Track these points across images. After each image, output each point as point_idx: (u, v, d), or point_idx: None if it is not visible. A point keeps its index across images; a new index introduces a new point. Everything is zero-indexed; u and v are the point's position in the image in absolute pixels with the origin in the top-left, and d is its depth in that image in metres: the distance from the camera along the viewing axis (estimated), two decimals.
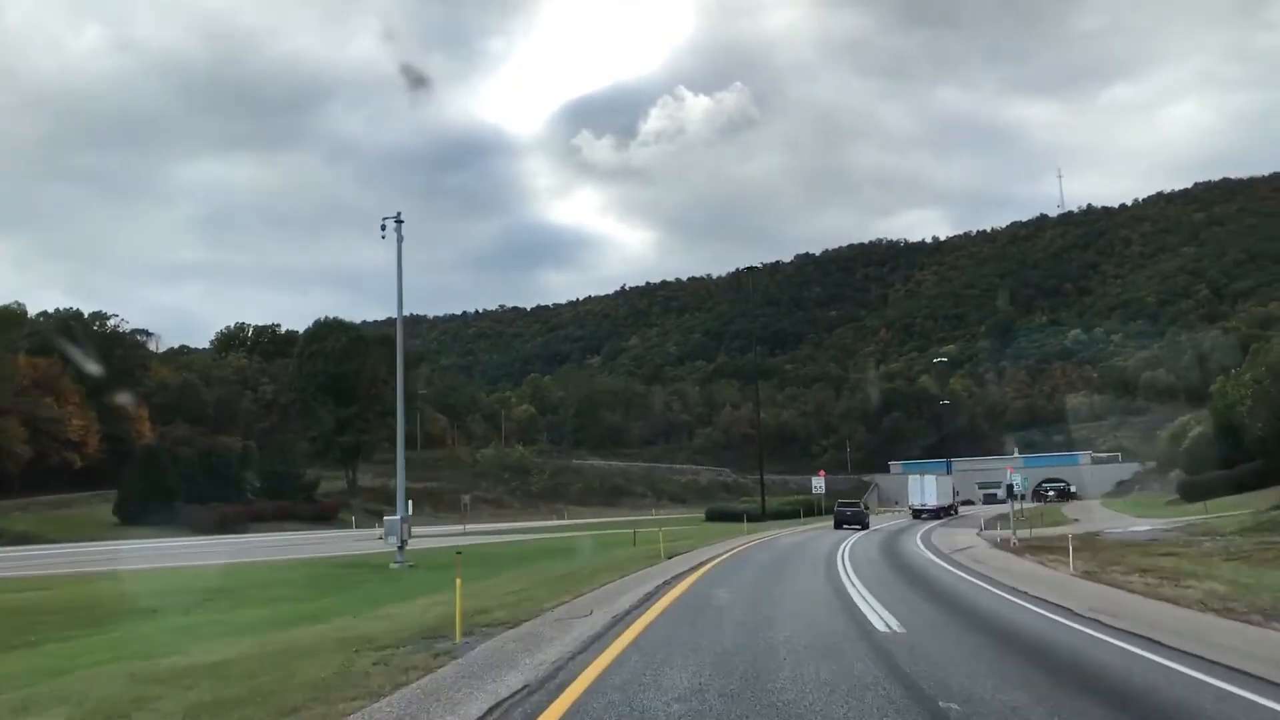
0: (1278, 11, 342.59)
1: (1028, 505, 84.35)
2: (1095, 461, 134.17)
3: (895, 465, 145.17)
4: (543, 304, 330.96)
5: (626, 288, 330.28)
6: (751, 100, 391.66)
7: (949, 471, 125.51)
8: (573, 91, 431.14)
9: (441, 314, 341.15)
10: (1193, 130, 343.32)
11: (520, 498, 77.99)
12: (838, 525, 54.17)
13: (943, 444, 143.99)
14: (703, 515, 70.59)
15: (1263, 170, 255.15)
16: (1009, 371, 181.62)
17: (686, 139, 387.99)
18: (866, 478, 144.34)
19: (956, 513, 78.21)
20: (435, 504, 72.95)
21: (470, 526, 62.34)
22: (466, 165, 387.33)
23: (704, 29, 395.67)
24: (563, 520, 64.81)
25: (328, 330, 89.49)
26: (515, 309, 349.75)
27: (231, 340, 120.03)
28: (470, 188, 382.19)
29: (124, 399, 76.13)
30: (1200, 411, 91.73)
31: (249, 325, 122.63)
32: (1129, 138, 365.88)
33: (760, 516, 65.38)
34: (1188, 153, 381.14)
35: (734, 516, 61.97)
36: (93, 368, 71.77)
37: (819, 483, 75.99)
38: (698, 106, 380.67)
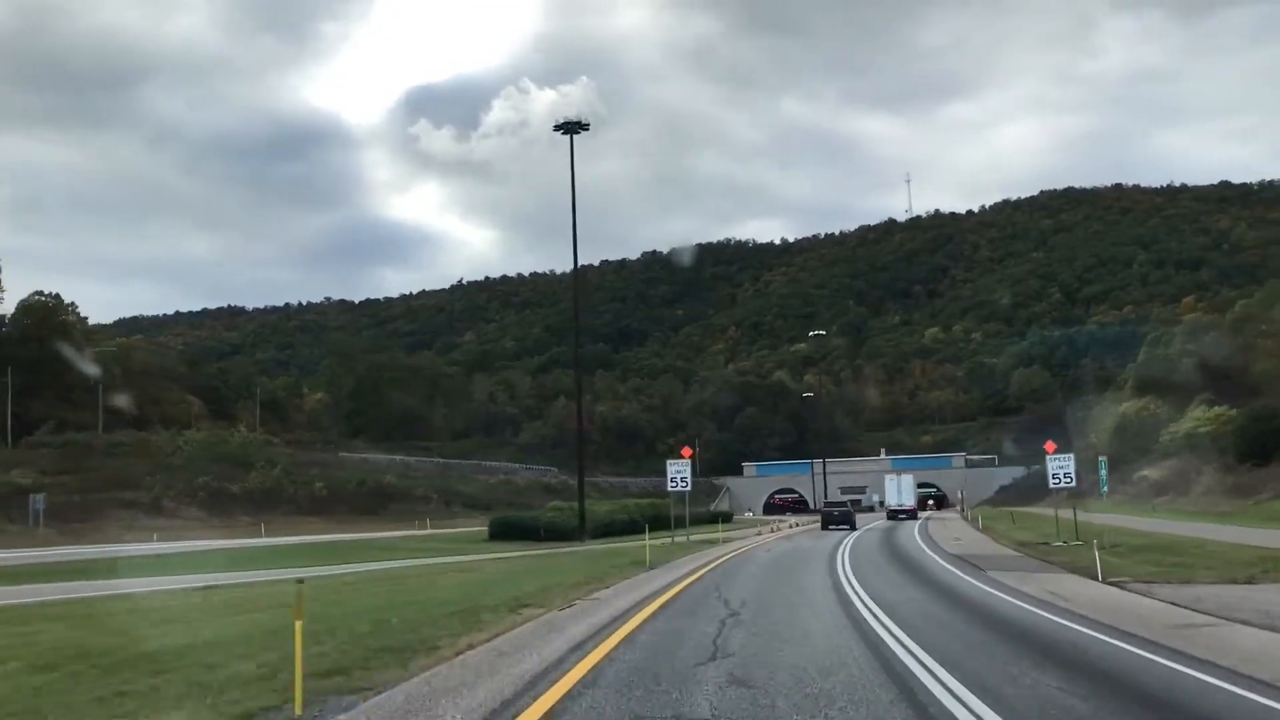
0: (1104, 38, 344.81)
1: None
2: (970, 465, 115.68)
3: (749, 466, 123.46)
4: (373, 298, 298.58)
5: (464, 282, 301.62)
6: (598, 97, 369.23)
7: (815, 474, 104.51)
8: (413, 80, 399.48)
9: (262, 306, 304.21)
10: (1024, 152, 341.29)
11: (221, 503, 50.68)
12: (825, 526, 52.05)
13: (802, 443, 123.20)
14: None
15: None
16: (866, 370, 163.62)
17: (531, 133, 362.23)
18: (718, 480, 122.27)
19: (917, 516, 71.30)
20: (70, 511, 45.67)
21: (46, 552, 35.25)
22: (300, 155, 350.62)
23: (550, 23, 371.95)
24: (260, 539, 39.81)
25: None
26: (342, 302, 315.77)
27: None
28: (304, 178, 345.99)
29: None
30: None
31: None
32: (967, 156, 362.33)
33: (575, 532, 41.11)
34: (1020, 175, 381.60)
35: (527, 532, 38.38)
36: None
37: (680, 471, 38.64)
38: (542, 100, 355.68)
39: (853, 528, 49.75)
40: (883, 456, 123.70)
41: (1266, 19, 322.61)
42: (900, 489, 71.70)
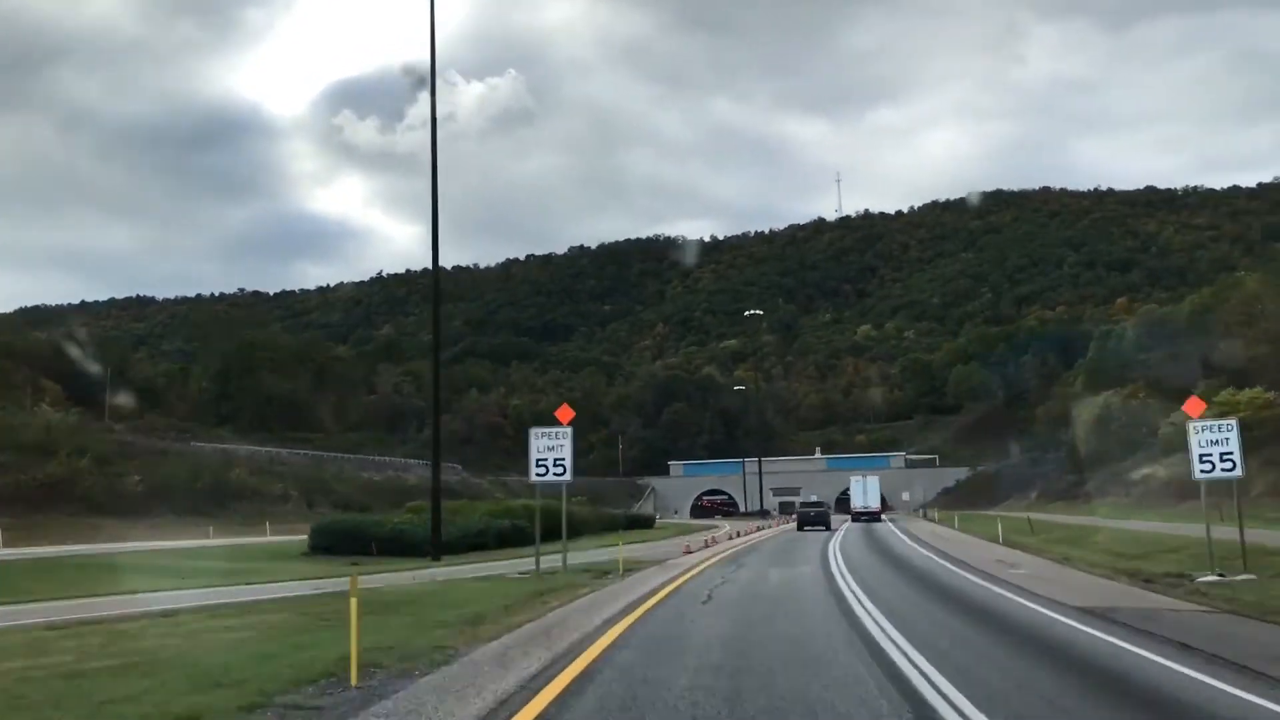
0: (1030, 46, 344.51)
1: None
2: (911, 465, 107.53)
3: (676, 466, 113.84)
4: (288, 289, 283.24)
5: (384, 274, 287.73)
6: (527, 90, 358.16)
7: (746, 473, 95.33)
8: (338, 72, 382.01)
9: (173, 296, 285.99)
10: (952, 157, 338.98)
11: None
12: (801, 526, 52.15)
13: (732, 441, 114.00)
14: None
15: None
16: (798, 366, 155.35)
17: (458, 126, 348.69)
18: (641, 480, 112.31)
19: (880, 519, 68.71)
20: None
21: None
22: (221, 144, 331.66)
23: (479, 15, 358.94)
24: None
25: None
26: (256, 293, 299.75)
27: None
28: (225, 168, 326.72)
29: None
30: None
31: None
32: (896, 159, 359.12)
33: (424, 546, 30.41)
34: (948, 179, 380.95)
35: (359, 544, 28.06)
36: None
37: (551, 447, 23.59)
38: (470, 93, 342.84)
39: (828, 528, 50.03)
40: (817, 456, 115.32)
41: (1188, 32, 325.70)
42: (866, 490, 68.63)
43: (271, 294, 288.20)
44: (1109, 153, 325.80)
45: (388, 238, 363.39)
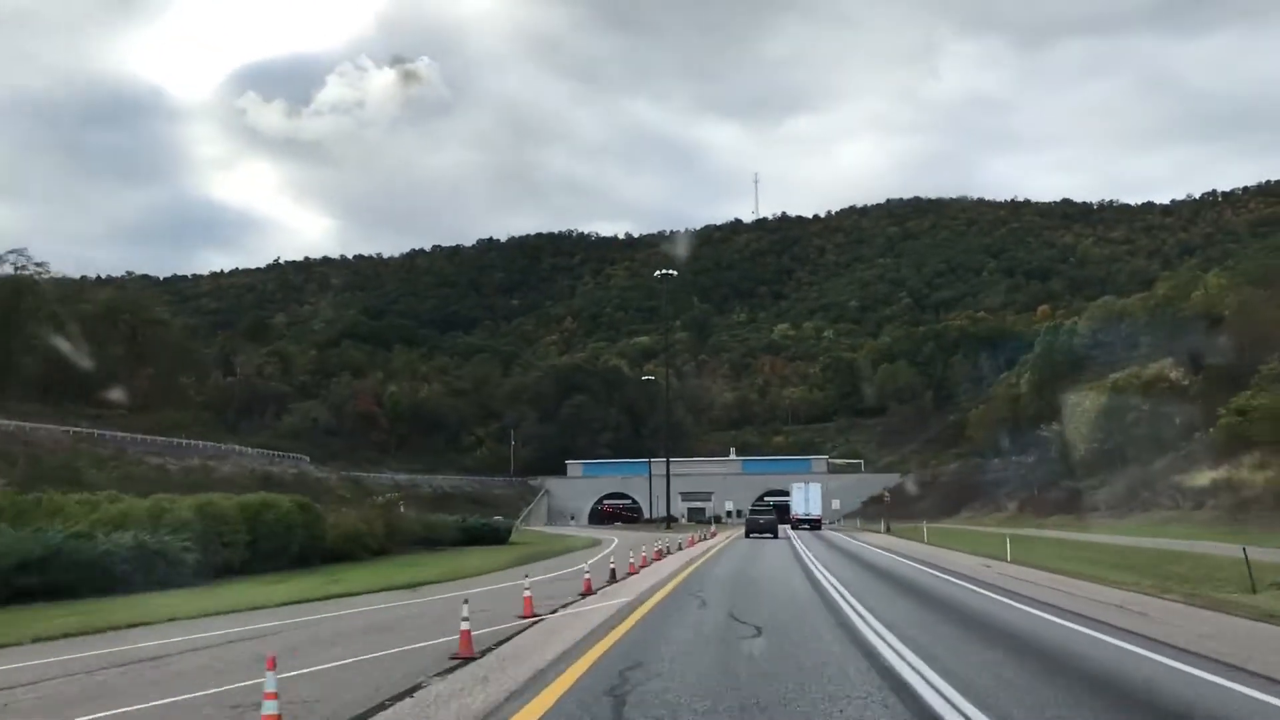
0: (945, 60, 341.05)
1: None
2: (832, 470, 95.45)
3: (575, 465, 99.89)
4: (180, 274, 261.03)
5: (282, 262, 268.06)
6: (442, 80, 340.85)
7: (654, 475, 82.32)
8: (245, 53, 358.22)
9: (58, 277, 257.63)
10: (867, 168, 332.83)
11: None
12: (748, 534, 50.03)
13: (638, 439, 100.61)
14: None
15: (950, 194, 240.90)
16: (711, 365, 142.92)
17: (367, 113, 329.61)
18: (535, 481, 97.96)
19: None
20: None
21: None
22: (120, 124, 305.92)
23: (392, 2, 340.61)
24: None
25: None
26: (145, 277, 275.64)
27: None
28: (125, 150, 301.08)
29: None
30: None
31: None
32: (811, 168, 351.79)
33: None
34: (864, 190, 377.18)
35: None
36: None
37: None
38: (381, 79, 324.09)
39: (775, 536, 48.18)
40: (732, 457, 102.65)
41: (1096, 53, 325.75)
42: (808, 498, 65.26)
43: (162, 278, 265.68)
44: (1021, 170, 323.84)
45: (293, 229, 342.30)
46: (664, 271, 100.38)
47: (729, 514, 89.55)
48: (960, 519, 61.72)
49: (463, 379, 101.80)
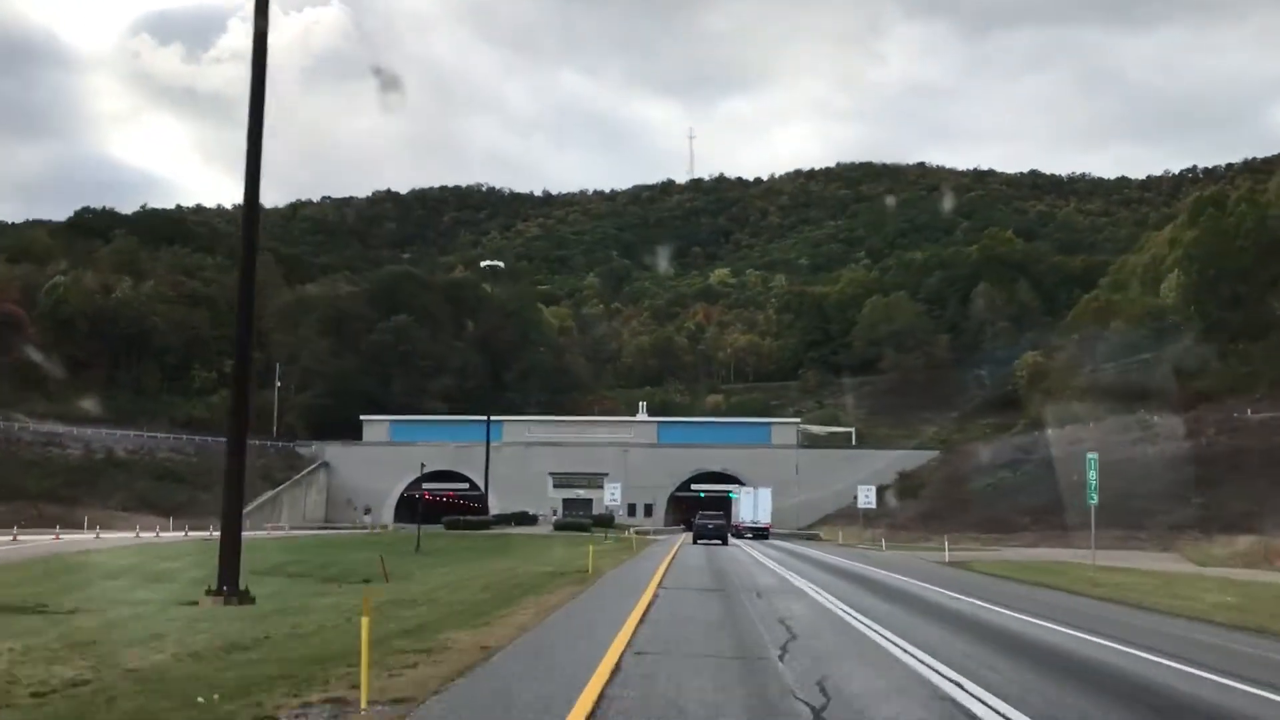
0: (890, 44, 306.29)
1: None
2: (808, 444, 55.06)
3: (377, 424, 57.75)
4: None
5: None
6: (357, 31, 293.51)
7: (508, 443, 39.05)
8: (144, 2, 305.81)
9: None
10: (805, 151, 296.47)
11: None
12: (696, 540, 44.32)
13: (499, 390, 58.51)
14: None
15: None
16: (627, 314, 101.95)
17: (274, 61, 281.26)
18: (308, 448, 55.73)
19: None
20: None
21: None
22: (8, 71, 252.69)
23: None
24: None
25: None
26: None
27: None
28: (13, 100, 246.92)
29: None
30: None
31: None
32: (750, 150, 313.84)
33: None
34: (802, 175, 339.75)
35: None
36: None
37: None
38: (286, 26, 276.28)
39: (724, 543, 43.47)
40: (641, 418, 62.35)
41: (1042, 45, 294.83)
42: (756, 504, 54.83)
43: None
44: (970, 159, 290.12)
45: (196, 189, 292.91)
46: (490, 263, 67.55)
47: (621, 508, 49.95)
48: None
49: (210, 283, 60.08)
